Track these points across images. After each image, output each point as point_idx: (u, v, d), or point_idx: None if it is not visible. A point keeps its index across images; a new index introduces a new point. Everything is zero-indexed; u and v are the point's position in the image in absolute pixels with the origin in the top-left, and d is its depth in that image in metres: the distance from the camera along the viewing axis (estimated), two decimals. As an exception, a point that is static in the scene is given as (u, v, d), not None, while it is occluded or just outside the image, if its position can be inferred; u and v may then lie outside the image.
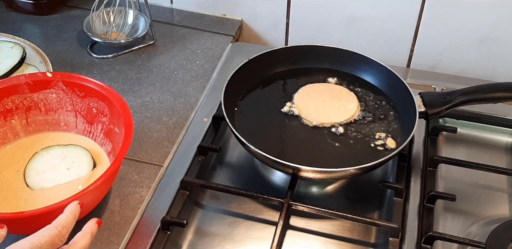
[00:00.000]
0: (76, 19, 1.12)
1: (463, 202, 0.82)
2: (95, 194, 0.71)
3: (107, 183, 0.72)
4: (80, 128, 0.84)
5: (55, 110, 0.83)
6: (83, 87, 0.80)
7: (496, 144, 0.93)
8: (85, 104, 0.82)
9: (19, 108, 0.81)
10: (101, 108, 0.80)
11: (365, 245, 0.78)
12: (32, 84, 0.80)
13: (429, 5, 1.00)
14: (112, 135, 0.79)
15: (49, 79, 0.80)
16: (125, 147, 0.70)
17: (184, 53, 1.07)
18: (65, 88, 0.81)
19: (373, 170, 0.83)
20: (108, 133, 0.80)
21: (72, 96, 0.82)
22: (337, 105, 0.90)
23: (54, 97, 0.82)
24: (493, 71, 1.07)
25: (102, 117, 0.81)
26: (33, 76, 0.80)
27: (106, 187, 0.75)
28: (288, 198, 0.78)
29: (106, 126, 0.80)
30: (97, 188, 0.66)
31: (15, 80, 0.79)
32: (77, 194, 0.64)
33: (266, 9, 1.12)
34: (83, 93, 0.81)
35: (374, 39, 1.09)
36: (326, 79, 0.95)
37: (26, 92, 0.80)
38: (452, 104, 0.83)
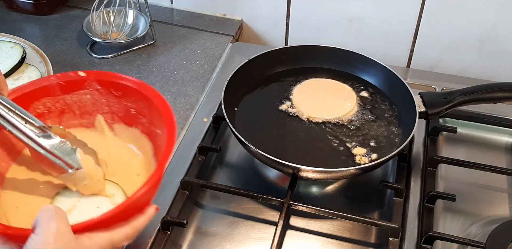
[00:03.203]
0: (76, 19, 1.12)
1: (463, 202, 0.82)
2: (144, 198, 0.62)
3: (153, 188, 0.62)
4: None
5: (91, 113, 0.75)
6: (119, 86, 0.72)
7: (496, 144, 0.93)
8: (122, 105, 0.74)
9: (51, 112, 0.74)
10: (140, 109, 0.72)
11: (365, 245, 0.78)
12: (64, 85, 0.72)
13: (429, 5, 1.00)
14: (154, 137, 0.72)
15: (82, 78, 0.72)
16: (169, 149, 0.62)
17: (184, 53, 1.07)
18: (100, 88, 0.73)
19: (373, 170, 0.83)
20: (149, 134, 0.73)
21: (108, 97, 0.74)
22: (334, 102, 0.90)
23: (88, 98, 0.74)
24: (493, 71, 1.07)
25: (141, 118, 0.73)
26: (64, 76, 0.72)
27: (152, 192, 0.65)
28: (288, 198, 0.78)
29: (146, 127, 0.73)
30: (145, 193, 0.59)
31: (46, 81, 0.72)
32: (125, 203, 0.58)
33: (266, 9, 1.12)
34: (119, 93, 0.73)
35: (374, 39, 1.09)
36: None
37: (58, 94, 0.73)
38: (452, 104, 0.83)
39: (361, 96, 0.92)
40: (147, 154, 0.73)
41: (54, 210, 0.52)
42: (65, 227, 0.52)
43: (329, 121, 0.88)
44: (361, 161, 0.81)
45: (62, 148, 0.64)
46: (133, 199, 0.58)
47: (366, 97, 0.92)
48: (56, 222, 0.51)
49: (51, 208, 0.52)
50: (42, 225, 0.51)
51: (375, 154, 0.81)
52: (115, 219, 0.58)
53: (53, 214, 0.52)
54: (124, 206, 0.57)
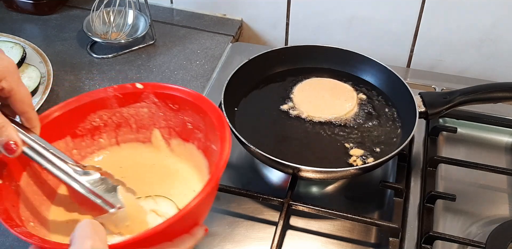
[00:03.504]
0: (76, 19, 1.12)
1: (463, 202, 0.82)
2: (191, 216, 0.58)
3: (202, 206, 0.58)
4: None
5: (147, 127, 0.72)
6: (176, 98, 0.68)
7: (496, 144, 0.93)
8: (179, 119, 0.70)
9: (107, 126, 0.71)
10: (197, 123, 0.69)
11: (365, 245, 0.78)
12: (121, 97, 0.69)
13: (429, 5, 1.00)
14: (209, 153, 0.68)
15: (140, 90, 0.69)
16: (220, 163, 0.58)
17: (184, 53, 1.07)
18: (157, 101, 0.70)
19: (373, 170, 0.83)
20: (204, 151, 0.69)
21: (165, 110, 0.70)
22: (333, 102, 0.90)
23: (145, 112, 0.71)
24: (493, 71, 1.07)
25: (198, 133, 0.69)
26: (122, 88, 0.70)
27: (202, 210, 0.62)
28: (288, 198, 0.78)
29: (201, 143, 0.69)
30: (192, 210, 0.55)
31: (102, 93, 0.69)
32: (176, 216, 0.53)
33: (266, 9, 1.12)
34: (176, 106, 0.69)
35: (374, 39, 1.09)
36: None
37: (115, 106, 0.70)
38: (452, 104, 0.83)
39: (361, 96, 0.92)
40: (202, 172, 0.70)
41: (91, 226, 0.50)
42: (101, 245, 0.49)
43: (329, 121, 0.88)
44: (354, 162, 0.80)
45: (102, 185, 0.61)
46: (178, 216, 0.53)
47: (366, 97, 0.92)
48: (91, 240, 0.49)
49: (89, 224, 0.50)
50: (77, 243, 0.49)
51: (372, 158, 0.81)
52: (158, 239, 0.53)
53: (89, 231, 0.50)
54: (168, 223, 0.52)
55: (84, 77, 1.00)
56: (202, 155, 0.69)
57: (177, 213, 0.53)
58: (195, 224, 0.58)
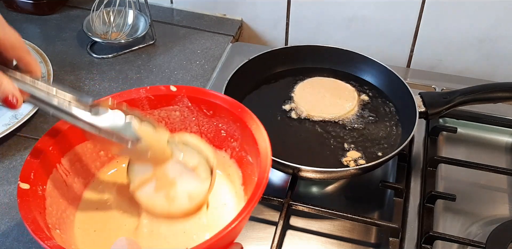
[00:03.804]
0: (76, 19, 1.12)
1: (463, 202, 0.82)
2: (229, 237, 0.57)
3: (240, 226, 0.55)
4: None
5: (178, 131, 0.71)
6: (212, 104, 0.67)
7: (496, 144, 0.93)
8: (213, 125, 0.69)
9: None
10: (231, 131, 0.67)
11: (365, 245, 0.78)
12: (153, 99, 0.68)
13: (429, 5, 1.00)
14: (243, 164, 0.67)
15: (173, 93, 0.68)
16: (261, 182, 0.56)
17: (184, 53, 1.07)
18: (190, 105, 0.69)
19: (373, 170, 0.83)
20: (238, 161, 0.68)
21: (198, 115, 0.69)
22: (333, 102, 0.90)
23: (177, 115, 0.70)
24: (493, 71, 1.07)
25: (232, 141, 0.68)
26: (154, 89, 0.68)
27: (239, 230, 0.60)
28: (288, 198, 0.78)
29: (236, 152, 0.68)
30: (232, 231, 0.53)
31: (134, 94, 0.68)
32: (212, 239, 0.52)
33: (266, 9, 1.12)
34: (211, 112, 0.68)
35: (374, 39, 1.09)
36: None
37: (146, 108, 0.69)
38: (452, 104, 0.83)
39: (362, 96, 0.92)
40: (234, 182, 0.68)
41: (127, 245, 0.50)
42: None
43: (328, 120, 0.88)
44: (348, 163, 0.81)
45: (114, 122, 0.58)
46: (216, 239, 0.52)
47: (366, 97, 0.92)
48: None
49: (124, 243, 0.50)
50: None
51: (366, 160, 0.81)
52: None
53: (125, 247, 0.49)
54: (206, 246, 0.51)
55: (84, 77, 1.00)
56: (236, 165, 0.68)
57: (214, 235, 0.52)
58: (230, 244, 0.57)
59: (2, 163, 0.84)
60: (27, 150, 0.86)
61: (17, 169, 0.84)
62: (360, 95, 0.92)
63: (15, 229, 0.75)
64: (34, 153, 0.62)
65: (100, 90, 0.97)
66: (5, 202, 0.79)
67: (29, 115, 0.88)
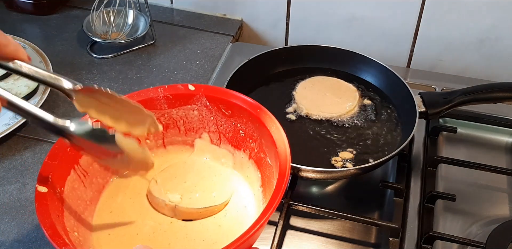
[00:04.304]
0: (76, 19, 1.12)
1: (463, 202, 0.82)
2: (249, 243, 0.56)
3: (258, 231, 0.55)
4: None
5: (196, 130, 0.71)
6: (230, 104, 0.66)
7: (496, 144, 0.93)
8: (231, 125, 0.68)
9: None
10: (250, 132, 0.66)
11: (365, 245, 0.78)
12: (171, 98, 0.68)
13: (429, 5, 1.00)
14: (262, 165, 0.66)
15: (191, 93, 0.67)
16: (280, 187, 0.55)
17: (184, 53, 1.07)
18: (208, 105, 0.68)
19: (373, 170, 0.83)
20: (258, 161, 0.67)
21: (216, 115, 0.69)
22: (334, 101, 0.90)
23: (195, 114, 0.69)
24: (493, 71, 1.07)
25: (250, 142, 0.67)
26: (172, 88, 0.68)
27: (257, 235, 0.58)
28: (288, 198, 0.78)
29: (254, 153, 0.66)
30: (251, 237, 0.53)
31: (152, 93, 0.67)
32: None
33: (266, 9, 1.12)
34: (229, 112, 0.67)
35: (374, 39, 1.09)
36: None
37: (164, 107, 0.68)
38: (452, 104, 0.83)
39: (361, 96, 0.92)
40: (253, 184, 0.68)
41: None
42: None
43: (328, 119, 0.88)
44: (336, 163, 0.80)
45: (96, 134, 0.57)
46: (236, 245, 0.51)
47: (365, 97, 0.92)
48: None
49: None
50: None
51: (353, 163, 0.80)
52: None
53: None
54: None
55: (84, 77, 1.00)
56: (254, 166, 0.67)
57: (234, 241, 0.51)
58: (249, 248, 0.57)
59: (2, 163, 0.84)
60: (27, 150, 0.86)
61: (17, 169, 0.84)
62: (361, 95, 0.92)
63: (15, 229, 0.75)
64: (52, 155, 0.62)
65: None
66: (5, 202, 0.79)
67: (29, 115, 0.88)
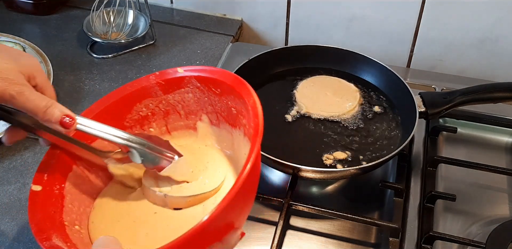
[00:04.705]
0: (76, 19, 1.12)
1: (463, 202, 0.82)
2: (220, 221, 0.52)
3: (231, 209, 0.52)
4: None
5: (195, 112, 0.70)
6: (217, 82, 0.65)
7: (496, 144, 0.93)
8: (224, 103, 0.67)
9: (155, 114, 0.70)
10: (239, 108, 0.65)
11: (365, 245, 0.78)
12: (164, 84, 0.68)
13: (429, 5, 1.00)
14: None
15: (181, 76, 0.67)
16: (249, 160, 0.53)
17: (184, 53, 1.07)
18: (200, 86, 0.67)
19: (373, 170, 0.83)
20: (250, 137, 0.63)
21: (209, 95, 0.68)
22: (334, 101, 0.90)
23: (191, 97, 0.69)
24: (493, 71, 1.07)
25: (241, 119, 0.65)
26: (163, 74, 0.68)
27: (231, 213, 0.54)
28: (288, 198, 0.78)
29: (247, 129, 0.64)
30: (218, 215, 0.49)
31: (145, 82, 0.68)
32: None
33: (266, 9, 1.12)
34: (219, 90, 0.66)
35: (374, 39, 1.09)
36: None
37: (160, 94, 0.69)
38: (452, 104, 0.83)
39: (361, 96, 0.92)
40: None
41: (104, 241, 0.52)
42: None
43: (327, 118, 0.88)
44: (326, 162, 0.81)
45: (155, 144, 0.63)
46: (200, 225, 0.48)
47: (365, 97, 0.92)
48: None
49: (104, 241, 0.52)
50: None
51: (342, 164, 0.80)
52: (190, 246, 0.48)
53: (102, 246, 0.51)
54: (191, 233, 0.48)
55: (84, 77, 1.00)
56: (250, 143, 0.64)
57: (204, 219, 0.49)
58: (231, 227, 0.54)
59: (2, 163, 0.84)
60: (27, 150, 0.86)
61: (17, 169, 0.84)
62: (361, 95, 0.92)
63: (15, 229, 0.75)
64: (50, 153, 0.63)
65: (100, 90, 0.97)
66: (5, 202, 0.79)
67: (29, 115, 0.88)
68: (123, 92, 0.68)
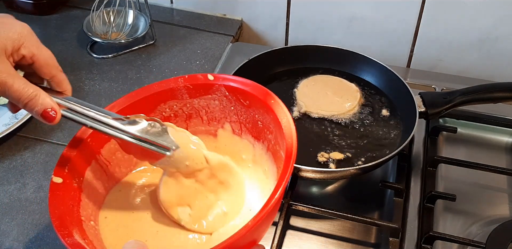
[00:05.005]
0: (76, 19, 1.12)
1: (463, 202, 0.82)
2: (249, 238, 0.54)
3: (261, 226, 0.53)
4: None
5: (218, 120, 0.71)
6: (247, 94, 0.66)
7: (496, 144, 0.93)
8: (250, 115, 0.67)
9: (178, 116, 0.70)
10: (267, 123, 0.65)
11: (365, 245, 0.78)
12: (191, 88, 0.68)
13: (429, 5, 1.00)
14: (278, 159, 0.64)
15: (210, 82, 0.68)
16: (282, 181, 0.53)
17: (184, 53, 1.07)
18: (228, 95, 0.68)
19: (373, 170, 0.83)
20: (274, 154, 0.65)
21: (236, 105, 0.68)
22: (334, 100, 0.90)
23: (217, 104, 0.69)
24: (493, 71, 1.07)
25: (268, 134, 0.65)
26: (192, 78, 0.68)
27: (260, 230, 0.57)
28: (288, 198, 0.78)
29: (271, 145, 0.65)
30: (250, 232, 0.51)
31: (173, 83, 0.68)
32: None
33: (266, 9, 1.12)
34: (247, 102, 0.67)
35: (374, 39, 1.09)
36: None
37: (186, 97, 0.69)
38: (452, 104, 0.83)
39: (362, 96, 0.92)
40: (269, 179, 0.66)
41: (134, 246, 0.51)
42: None
43: (327, 118, 0.88)
44: (320, 159, 0.80)
45: (152, 131, 0.59)
46: (236, 238, 0.49)
47: (365, 97, 0.92)
48: None
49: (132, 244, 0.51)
50: None
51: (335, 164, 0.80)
52: None
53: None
54: (224, 245, 0.49)
55: (84, 77, 1.00)
56: (272, 159, 0.66)
57: (234, 234, 0.50)
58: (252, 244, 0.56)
59: (2, 163, 0.84)
60: (27, 150, 0.86)
61: (17, 169, 0.84)
62: (362, 95, 0.92)
63: (15, 229, 0.76)
64: (71, 145, 0.62)
65: (100, 90, 0.97)
66: (5, 202, 0.79)
67: (29, 116, 0.88)
68: (150, 91, 0.68)
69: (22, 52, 0.54)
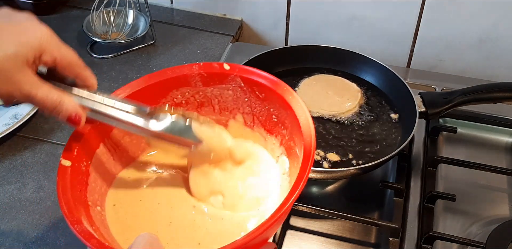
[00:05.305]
0: (76, 19, 1.12)
1: (463, 202, 0.82)
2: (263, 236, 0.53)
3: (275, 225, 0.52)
4: None
5: (230, 110, 0.69)
6: (263, 87, 0.65)
7: (496, 144, 0.93)
8: (265, 108, 0.66)
9: (189, 104, 0.69)
10: (282, 118, 0.64)
11: (365, 245, 0.78)
12: (206, 76, 0.66)
13: (429, 5, 1.00)
14: (292, 155, 0.63)
15: (226, 72, 0.66)
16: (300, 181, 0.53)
17: (184, 53, 1.07)
18: (243, 86, 0.66)
19: (373, 170, 0.83)
20: (288, 149, 0.64)
21: (250, 97, 0.67)
22: (335, 100, 0.90)
23: (230, 94, 0.68)
24: (493, 71, 1.07)
25: (282, 129, 0.64)
26: (208, 66, 0.67)
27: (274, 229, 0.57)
28: (288, 198, 0.78)
29: (285, 140, 0.64)
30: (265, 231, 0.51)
31: (187, 70, 0.66)
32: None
33: (266, 9, 1.12)
34: (263, 95, 0.66)
35: (374, 39, 1.09)
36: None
37: (199, 85, 0.67)
38: (452, 104, 0.83)
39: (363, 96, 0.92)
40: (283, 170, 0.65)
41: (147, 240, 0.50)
42: None
43: (327, 118, 0.88)
44: (316, 158, 0.80)
45: (176, 128, 0.59)
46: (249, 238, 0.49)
47: (365, 97, 0.92)
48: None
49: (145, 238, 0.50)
50: None
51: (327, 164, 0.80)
52: None
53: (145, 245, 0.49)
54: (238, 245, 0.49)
55: (84, 77, 1.00)
56: (285, 154, 0.65)
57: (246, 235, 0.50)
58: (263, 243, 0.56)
59: (2, 163, 0.84)
60: (27, 150, 0.86)
61: (17, 169, 0.84)
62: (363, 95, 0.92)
63: (15, 229, 0.75)
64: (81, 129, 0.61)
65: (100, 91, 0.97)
66: (5, 202, 0.79)
67: (29, 115, 0.88)
68: (163, 76, 0.66)
69: (44, 59, 0.54)
